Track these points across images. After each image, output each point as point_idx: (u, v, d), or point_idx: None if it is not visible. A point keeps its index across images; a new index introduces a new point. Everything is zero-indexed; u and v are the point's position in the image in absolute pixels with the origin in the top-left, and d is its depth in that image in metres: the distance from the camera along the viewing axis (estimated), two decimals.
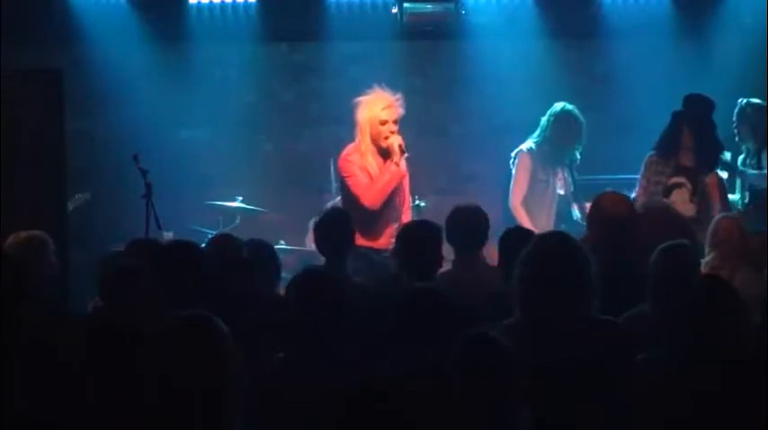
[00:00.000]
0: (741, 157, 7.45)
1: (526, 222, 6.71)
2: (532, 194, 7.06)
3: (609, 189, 5.70)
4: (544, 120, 7.10)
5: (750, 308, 3.78)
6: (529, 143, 7.13)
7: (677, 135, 6.36)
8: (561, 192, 7.13)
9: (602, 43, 8.95)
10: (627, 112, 7.24)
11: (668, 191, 6.20)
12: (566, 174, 7.14)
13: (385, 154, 6.43)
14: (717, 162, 6.41)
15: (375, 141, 6.43)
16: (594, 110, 8.26)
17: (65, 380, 3.42)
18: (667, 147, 6.38)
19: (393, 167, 6.37)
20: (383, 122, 6.40)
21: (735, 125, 7.37)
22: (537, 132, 7.11)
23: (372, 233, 6.32)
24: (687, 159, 6.34)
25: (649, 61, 8.67)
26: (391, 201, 6.46)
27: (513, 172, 7.10)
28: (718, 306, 3.60)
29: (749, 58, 8.45)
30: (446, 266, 5.10)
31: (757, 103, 7.40)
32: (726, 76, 8.42)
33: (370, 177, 6.40)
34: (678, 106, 6.56)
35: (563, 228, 6.80)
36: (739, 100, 7.44)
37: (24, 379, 3.25)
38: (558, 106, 7.10)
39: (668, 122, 6.45)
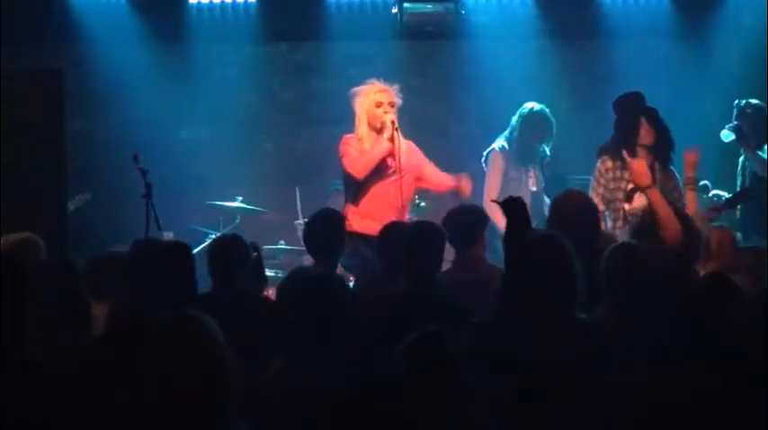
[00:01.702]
0: (741, 158, 7.46)
1: (500, 220, 6.77)
2: (506, 192, 7.09)
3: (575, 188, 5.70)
4: (514, 119, 7.16)
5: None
6: (500, 142, 7.19)
7: (633, 137, 6.18)
8: (533, 188, 7.20)
9: (602, 43, 8.96)
10: None
11: (629, 196, 6.06)
12: (537, 172, 7.21)
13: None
14: (671, 158, 6.24)
15: (372, 124, 6.52)
16: (594, 110, 8.26)
17: (64, 380, 3.42)
18: (624, 150, 6.19)
19: (385, 143, 6.44)
20: (378, 104, 6.52)
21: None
22: (507, 132, 7.18)
23: (369, 216, 6.35)
24: (642, 159, 6.20)
25: (649, 61, 8.68)
26: (388, 182, 6.49)
27: (486, 170, 7.16)
28: (719, 305, 3.59)
29: (749, 58, 8.45)
30: (445, 266, 5.10)
31: (757, 104, 7.39)
32: (726, 76, 8.43)
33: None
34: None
35: (535, 224, 6.83)
36: (737, 101, 7.43)
37: (24, 378, 3.25)
38: (527, 107, 7.18)
39: (621, 126, 6.21)
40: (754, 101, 7.40)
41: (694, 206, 5.88)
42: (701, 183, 6.73)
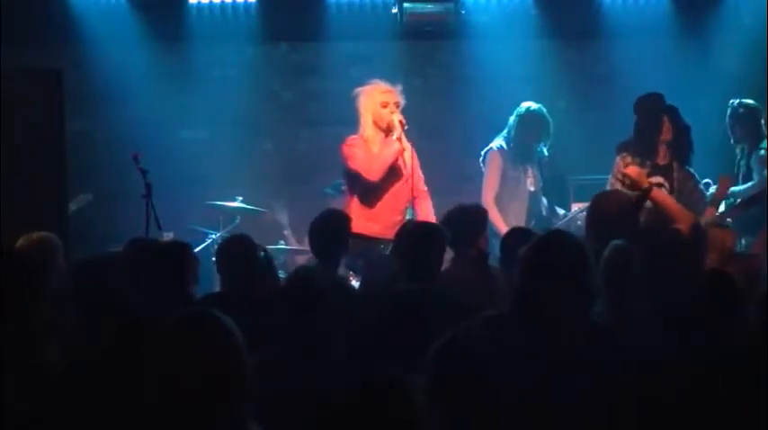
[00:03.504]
0: (738, 158, 7.45)
1: (499, 220, 6.85)
2: (504, 192, 7.13)
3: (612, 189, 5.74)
4: (511, 119, 7.17)
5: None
6: (498, 141, 7.20)
7: (655, 134, 6.15)
8: (532, 188, 7.22)
9: (602, 43, 8.96)
10: (627, 112, 7.20)
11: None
12: (535, 171, 7.21)
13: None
14: (690, 158, 6.24)
15: (377, 124, 6.51)
16: (594, 110, 8.29)
17: (66, 379, 3.42)
18: (645, 147, 6.12)
19: (396, 144, 6.43)
20: (384, 105, 6.53)
21: (729, 126, 7.36)
22: (504, 131, 7.19)
23: (376, 217, 6.36)
24: (662, 157, 6.22)
25: (649, 61, 8.68)
26: (398, 184, 6.49)
27: (484, 170, 7.15)
28: (721, 305, 3.59)
29: (749, 58, 8.45)
30: (445, 266, 5.09)
31: (750, 104, 7.37)
32: (726, 76, 8.43)
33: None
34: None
35: (533, 224, 6.86)
36: (731, 101, 7.43)
37: (26, 379, 3.25)
38: (524, 106, 7.21)
39: (642, 125, 6.18)
40: (747, 101, 7.38)
41: (710, 216, 5.93)
42: (704, 181, 6.71)
